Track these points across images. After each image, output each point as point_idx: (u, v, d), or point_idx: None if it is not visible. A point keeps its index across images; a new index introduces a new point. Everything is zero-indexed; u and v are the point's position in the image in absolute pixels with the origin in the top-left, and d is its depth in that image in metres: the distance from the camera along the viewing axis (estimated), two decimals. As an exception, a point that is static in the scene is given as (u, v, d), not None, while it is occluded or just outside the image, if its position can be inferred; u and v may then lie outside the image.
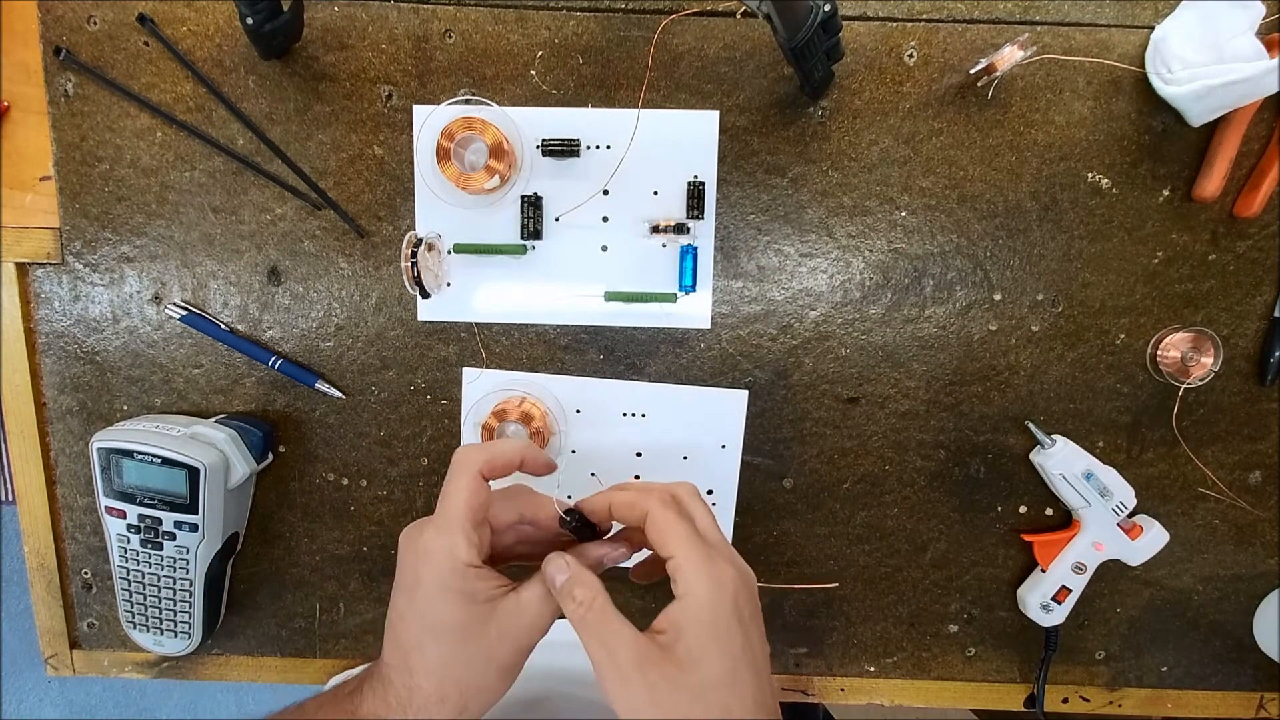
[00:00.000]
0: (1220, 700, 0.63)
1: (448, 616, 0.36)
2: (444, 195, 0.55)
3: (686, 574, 0.35)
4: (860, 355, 0.58)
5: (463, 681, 0.36)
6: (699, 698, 0.33)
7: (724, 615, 0.34)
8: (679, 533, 0.36)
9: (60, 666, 0.64)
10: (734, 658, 0.34)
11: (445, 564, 0.36)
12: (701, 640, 0.34)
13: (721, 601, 0.34)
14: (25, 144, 0.56)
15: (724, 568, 0.35)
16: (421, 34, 0.54)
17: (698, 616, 0.34)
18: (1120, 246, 0.56)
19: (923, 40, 0.54)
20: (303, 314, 0.58)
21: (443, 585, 0.36)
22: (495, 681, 0.37)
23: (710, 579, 0.35)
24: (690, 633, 0.34)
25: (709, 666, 0.34)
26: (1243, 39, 0.49)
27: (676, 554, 0.36)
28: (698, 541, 0.36)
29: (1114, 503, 0.56)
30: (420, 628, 0.36)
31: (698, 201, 0.55)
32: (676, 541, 0.36)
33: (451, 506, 0.37)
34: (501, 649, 0.37)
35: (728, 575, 0.35)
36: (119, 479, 0.54)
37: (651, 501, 0.37)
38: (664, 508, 0.37)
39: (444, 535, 0.36)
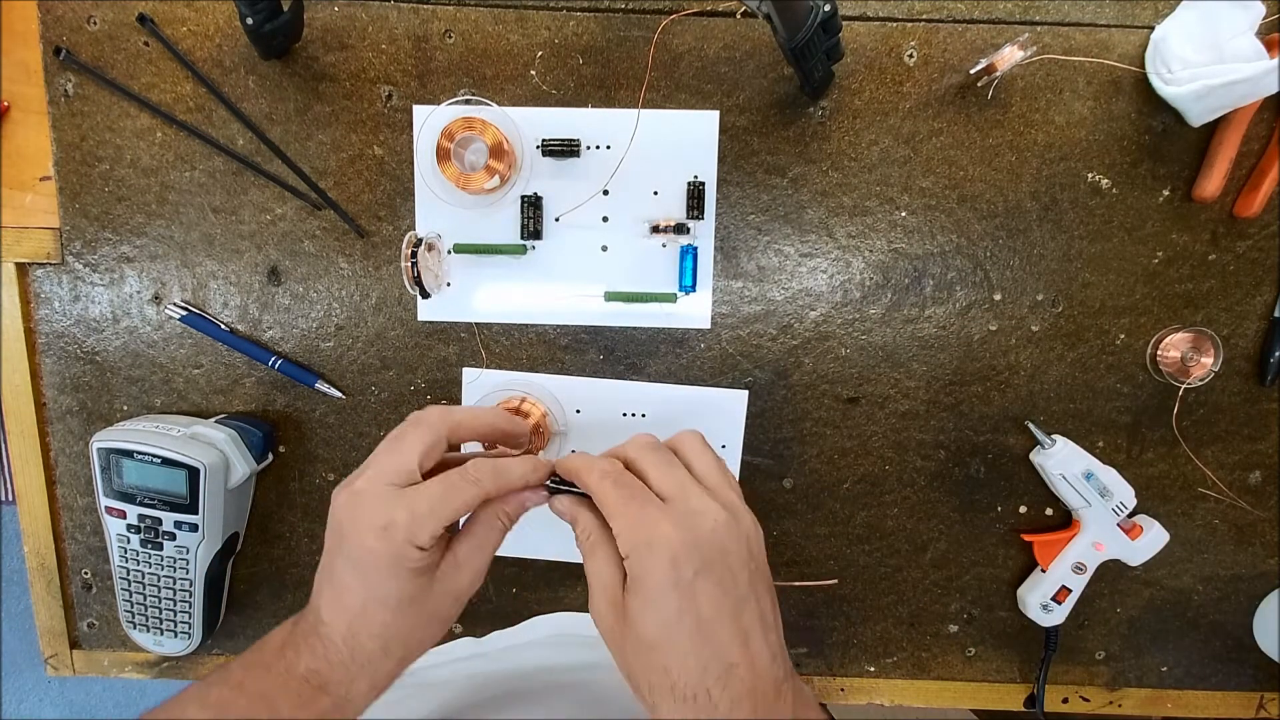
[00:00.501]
0: (1220, 700, 0.63)
1: (395, 588, 0.36)
2: (444, 195, 0.55)
3: (621, 541, 0.35)
4: (860, 355, 0.58)
5: (408, 638, 0.38)
6: (638, 654, 0.34)
7: (653, 580, 0.34)
8: (612, 502, 0.36)
9: (60, 666, 0.64)
10: (666, 622, 0.33)
11: (406, 551, 0.35)
12: (636, 603, 0.34)
13: (649, 566, 0.34)
14: (25, 144, 0.56)
15: (659, 530, 0.34)
16: (421, 34, 0.54)
17: (631, 580, 0.35)
18: (1120, 246, 0.56)
19: (923, 40, 0.54)
20: (303, 314, 0.58)
21: (394, 563, 0.36)
22: (437, 631, 0.39)
23: (640, 544, 0.34)
24: (630, 594, 0.35)
25: (640, 628, 0.34)
26: (1243, 39, 0.49)
27: (613, 524, 0.35)
28: (631, 505, 0.35)
29: (1114, 503, 0.56)
30: (366, 597, 0.36)
31: (698, 201, 0.55)
32: (610, 512, 0.36)
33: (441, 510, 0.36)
34: (443, 605, 0.38)
35: (660, 538, 0.34)
36: (119, 479, 0.54)
37: (591, 475, 0.37)
38: (600, 478, 0.36)
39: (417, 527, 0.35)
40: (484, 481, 0.38)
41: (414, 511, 0.35)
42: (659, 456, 0.38)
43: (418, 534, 0.35)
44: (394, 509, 0.36)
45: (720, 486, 0.37)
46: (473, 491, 0.37)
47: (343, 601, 0.37)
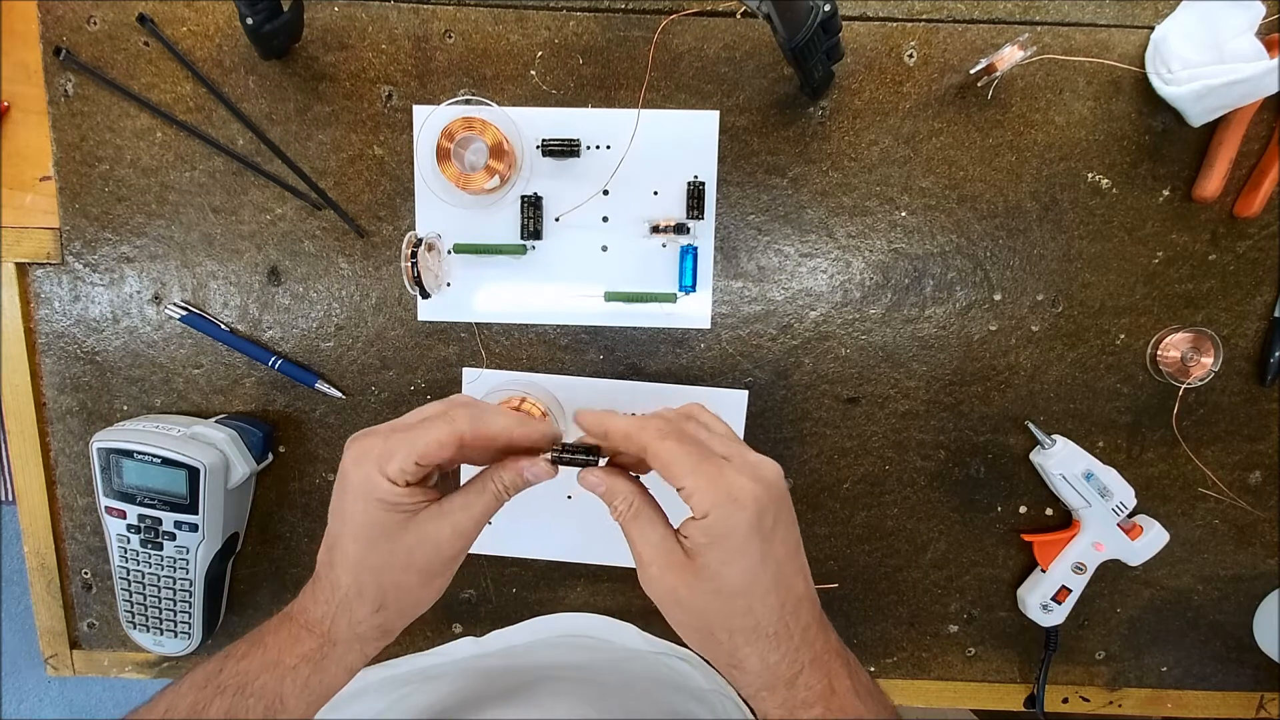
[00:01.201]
0: (1220, 700, 0.63)
1: (364, 518, 0.37)
2: (444, 195, 0.55)
3: (699, 500, 0.35)
4: (860, 355, 0.58)
5: (380, 577, 0.38)
6: (719, 601, 0.36)
7: (741, 533, 0.35)
8: (683, 462, 0.36)
9: (60, 666, 0.64)
10: (752, 569, 0.35)
11: (373, 477, 0.36)
12: (719, 557, 0.35)
13: (737, 520, 0.35)
14: (25, 144, 0.56)
15: (739, 484, 0.35)
16: (421, 34, 0.54)
17: (713, 537, 0.35)
18: (1120, 246, 0.56)
19: (923, 40, 0.54)
20: (303, 314, 0.58)
21: (366, 492, 0.37)
22: (415, 582, 0.39)
23: (725, 501, 0.35)
24: (708, 550, 0.35)
25: (727, 578, 0.35)
26: (1243, 39, 0.49)
27: (686, 483, 0.35)
28: (705, 464, 0.35)
29: (1114, 503, 0.56)
30: (341, 525, 0.38)
31: (698, 201, 0.55)
32: (683, 471, 0.35)
33: (412, 444, 0.36)
34: (421, 551, 0.38)
35: (744, 492, 0.35)
36: (119, 479, 0.54)
37: (648, 436, 0.37)
38: (662, 439, 0.36)
39: (386, 458, 0.36)
40: (459, 422, 0.37)
41: (388, 442, 0.37)
42: (696, 422, 0.40)
43: (386, 462, 0.36)
44: (372, 439, 0.37)
45: (754, 453, 0.39)
46: (445, 429, 0.37)
47: (328, 535, 0.38)
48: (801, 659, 0.36)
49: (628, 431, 0.38)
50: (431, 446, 0.36)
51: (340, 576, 0.38)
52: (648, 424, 0.37)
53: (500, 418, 0.38)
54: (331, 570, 0.38)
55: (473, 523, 0.39)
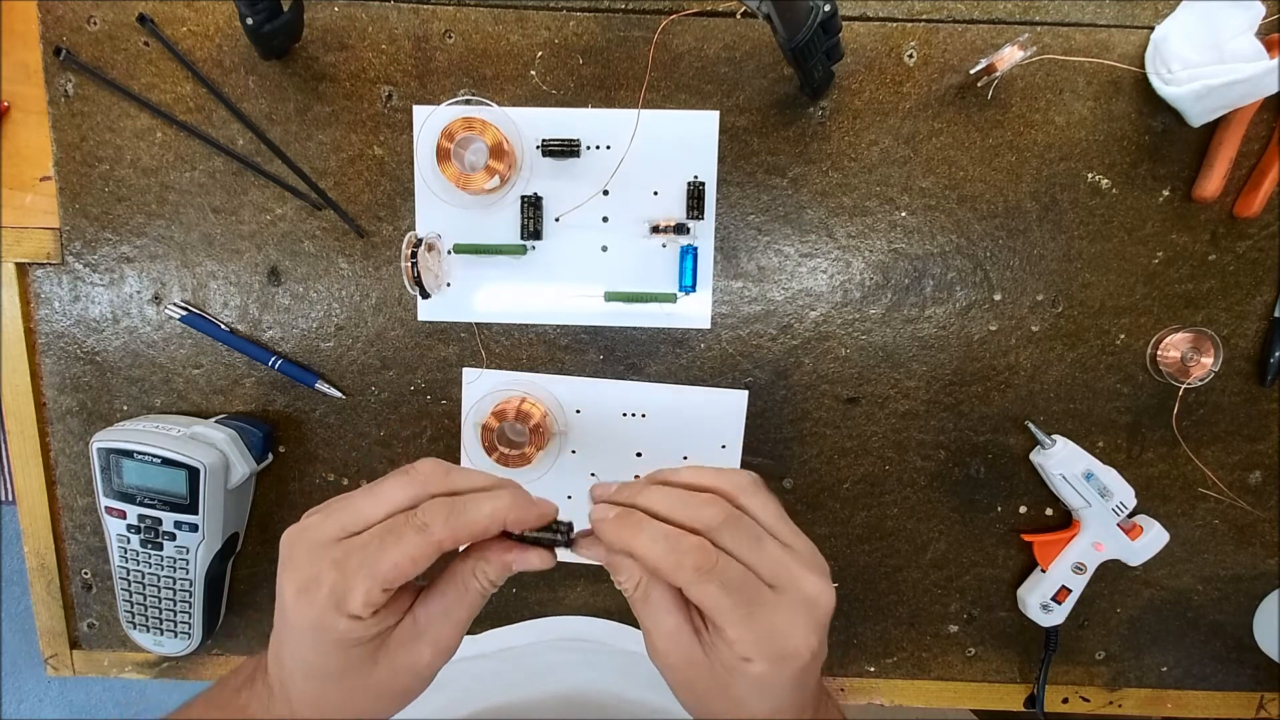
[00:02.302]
0: (1220, 700, 0.63)
1: (319, 660, 0.30)
2: (444, 195, 0.55)
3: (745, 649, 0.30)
4: (860, 355, 0.58)
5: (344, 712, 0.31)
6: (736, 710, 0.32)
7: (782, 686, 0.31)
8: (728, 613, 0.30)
9: (60, 666, 0.64)
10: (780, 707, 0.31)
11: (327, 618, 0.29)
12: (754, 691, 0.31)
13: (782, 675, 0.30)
14: (25, 144, 0.56)
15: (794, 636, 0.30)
16: (421, 34, 0.54)
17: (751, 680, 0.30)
18: (1120, 246, 0.56)
19: (923, 40, 0.54)
20: (303, 314, 0.58)
21: (318, 634, 0.29)
22: (388, 707, 0.32)
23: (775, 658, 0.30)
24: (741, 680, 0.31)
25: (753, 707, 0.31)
26: (1243, 39, 0.49)
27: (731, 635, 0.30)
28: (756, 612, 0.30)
29: (1114, 503, 0.56)
30: (293, 661, 0.31)
31: (698, 201, 0.55)
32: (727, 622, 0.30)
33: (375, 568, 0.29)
34: (395, 682, 0.31)
35: (800, 645, 0.30)
36: (119, 479, 0.54)
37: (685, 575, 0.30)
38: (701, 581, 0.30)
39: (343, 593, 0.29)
40: (434, 527, 0.29)
41: (343, 569, 0.29)
42: (745, 534, 0.31)
43: (346, 598, 0.29)
44: (320, 563, 0.29)
45: (807, 550, 0.33)
46: (416, 541, 0.29)
47: (277, 654, 0.32)
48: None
49: (657, 565, 0.30)
50: (403, 568, 0.29)
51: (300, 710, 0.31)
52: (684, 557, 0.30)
53: (484, 503, 0.31)
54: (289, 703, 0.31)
55: (457, 634, 0.32)
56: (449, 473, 0.32)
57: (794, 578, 0.31)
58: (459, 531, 0.30)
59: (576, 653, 0.60)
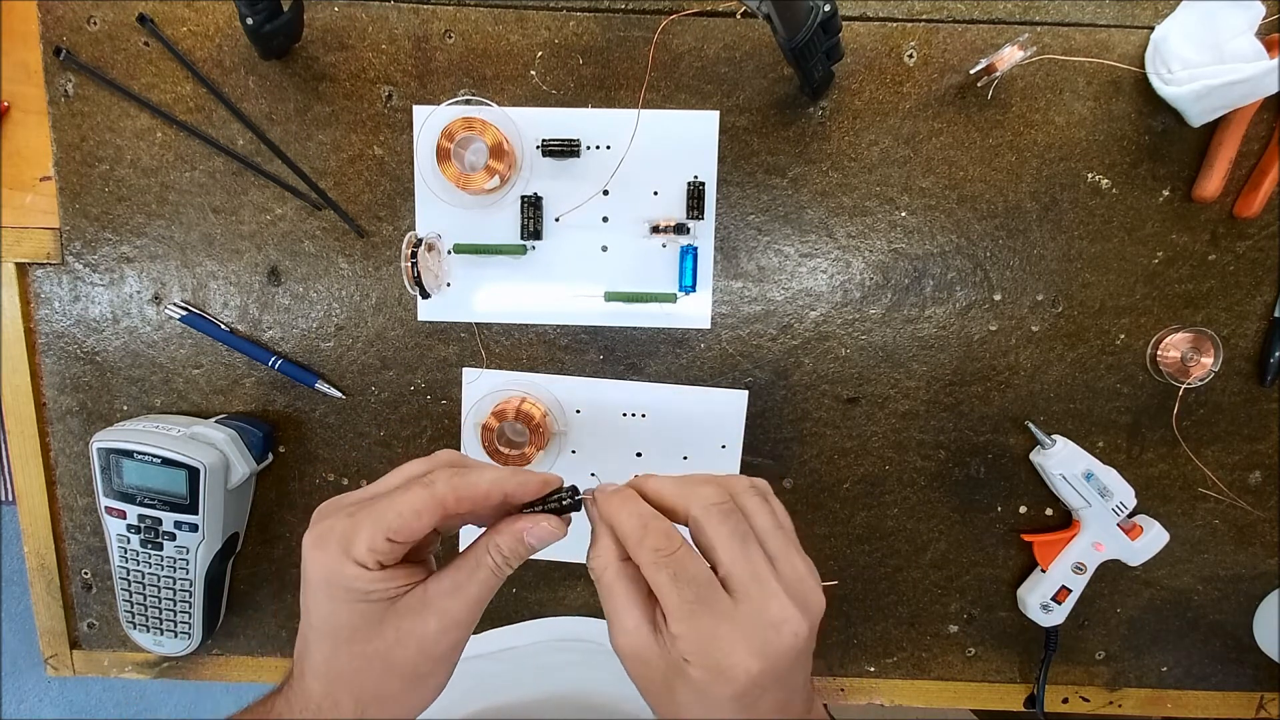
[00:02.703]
0: (1220, 700, 0.63)
1: (329, 613, 0.31)
2: (444, 195, 0.55)
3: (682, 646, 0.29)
4: (860, 355, 0.58)
5: (355, 687, 0.31)
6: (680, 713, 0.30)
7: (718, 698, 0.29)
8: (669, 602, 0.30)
9: (60, 666, 0.64)
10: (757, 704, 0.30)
11: (337, 562, 0.30)
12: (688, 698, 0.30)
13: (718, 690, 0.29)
14: (25, 144, 0.56)
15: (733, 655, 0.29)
16: (421, 34, 0.54)
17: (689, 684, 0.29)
18: (1120, 246, 0.56)
19: (923, 40, 0.54)
20: (303, 314, 0.58)
21: (329, 581, 0.30)
22: (400, 690, 0.32)
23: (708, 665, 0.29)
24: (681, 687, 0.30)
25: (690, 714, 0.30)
26: (1243, 39, 0.49)
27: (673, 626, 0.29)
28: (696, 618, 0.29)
29: (1114, 503, 0.56)
30: (307, 622, 0.32)
31: (698, 201, 0.55)
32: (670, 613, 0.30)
33: (380, 516, 0.30)
34: (403, 654, 0.31)
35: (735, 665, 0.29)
36: (119, 479, 0.54)
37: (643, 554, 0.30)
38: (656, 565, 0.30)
39: (350, 537, 0.30)
40: (438, 484, 0.30)
41: (354, 518, 0.30)
42: (731, 529, 0.31)
43: (351, 542, 0.30)
44: (335, 517, 0.31)
45: (795, 573, 0.31)
46: (422, 495, 0.30)
47: (300, 631, 0.32)
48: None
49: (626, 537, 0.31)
50: (406, 518, 0.30)
51: (310, 685, 0.31)
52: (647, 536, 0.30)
53: (488, 471, 0.32)
54: (302, 679, 0.32)
55: (466, 610, 0.32)
56: (463, 458, 0.34)
57: (762, 594, 0.29)
58: (460, 490, 0.31)
59: (577, 653, 0.60)
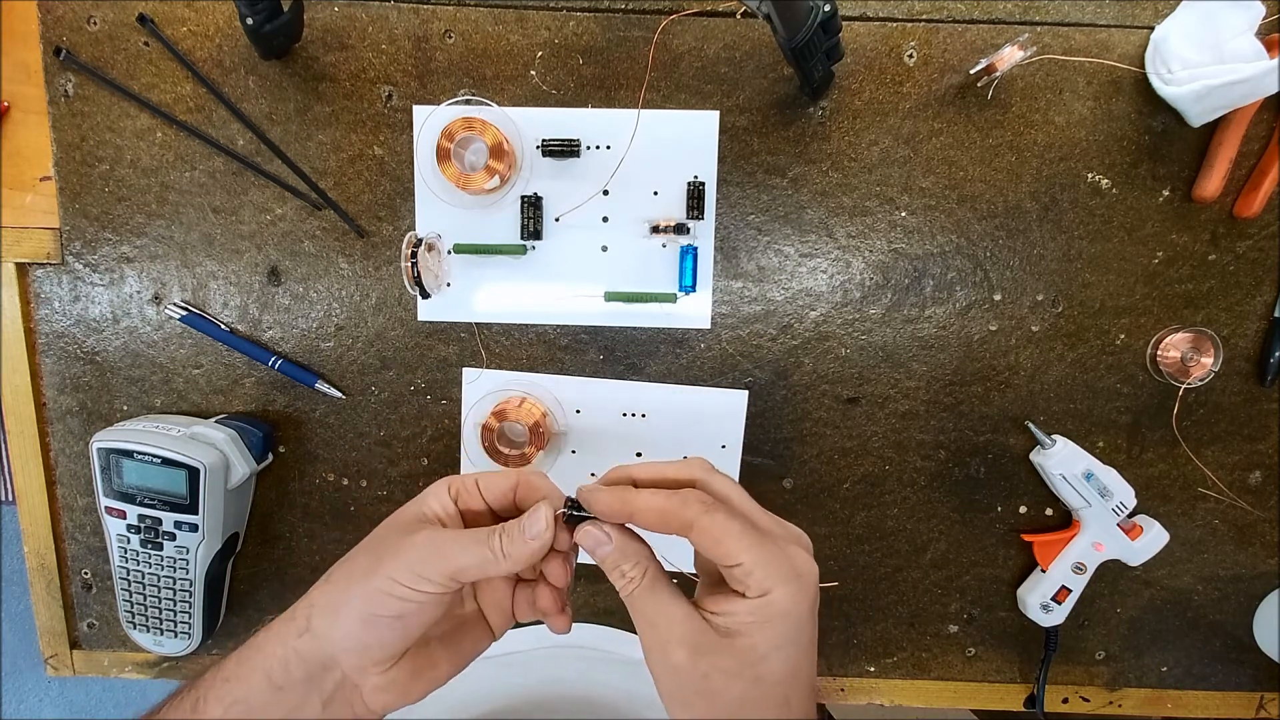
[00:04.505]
0: (1220, 700, 0.63)
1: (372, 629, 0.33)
2: (444, 195, 0.55)
3: (759, 578, 0.31)
4: (860, 355, 0.58)
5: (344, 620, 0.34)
6: (758, 690, 0.32)
7: (803, 616, 0.32)
8: (740, 538, 0.32)
9: (60, 666, 0.64)
10: (800, 656, 0.32)
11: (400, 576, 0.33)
12: (772, 640, 0.32)
13: (803, 602, 0.32)
14: (25, 144, 0.56)
15: (802, 561, 0.32)
16: (421, 34, 0.54)
17: (771, 620, 0.31)
18: (1120, 246, 0.56)
19: (923, 40, 0.54)
20: (303, 314, 0.58)
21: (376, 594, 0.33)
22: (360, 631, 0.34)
23: (791, 579, 0.32)
24: (761, 631, 0.31)
25: (775, 666, 0.32)
26: (1243, 39, 0.49)
27: (744, 559, 0.31)
28: (763, 539, 0.32)
29: (1114, 503, 0.56)
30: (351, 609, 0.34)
31: (698, 201, 0.55)
32: (739, 548, 0.32)
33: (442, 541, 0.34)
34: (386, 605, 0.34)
35: (806, 565, 0.32)
36: (119, 479, 0.54)
37: (693, 510, 0.32)
38: (709, 512, 0.32)
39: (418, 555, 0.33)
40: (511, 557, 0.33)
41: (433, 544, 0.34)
42: (733, 487, 0.35)
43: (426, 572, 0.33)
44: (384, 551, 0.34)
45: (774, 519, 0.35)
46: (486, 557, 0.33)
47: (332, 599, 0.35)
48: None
49: (662, 510, 0.32)
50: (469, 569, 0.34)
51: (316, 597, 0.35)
52: (688, 499, 0.32)
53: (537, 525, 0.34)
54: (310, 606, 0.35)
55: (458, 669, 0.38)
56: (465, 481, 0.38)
57: (784, 529, 0.34)
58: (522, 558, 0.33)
59: (582, 662, 0.60)
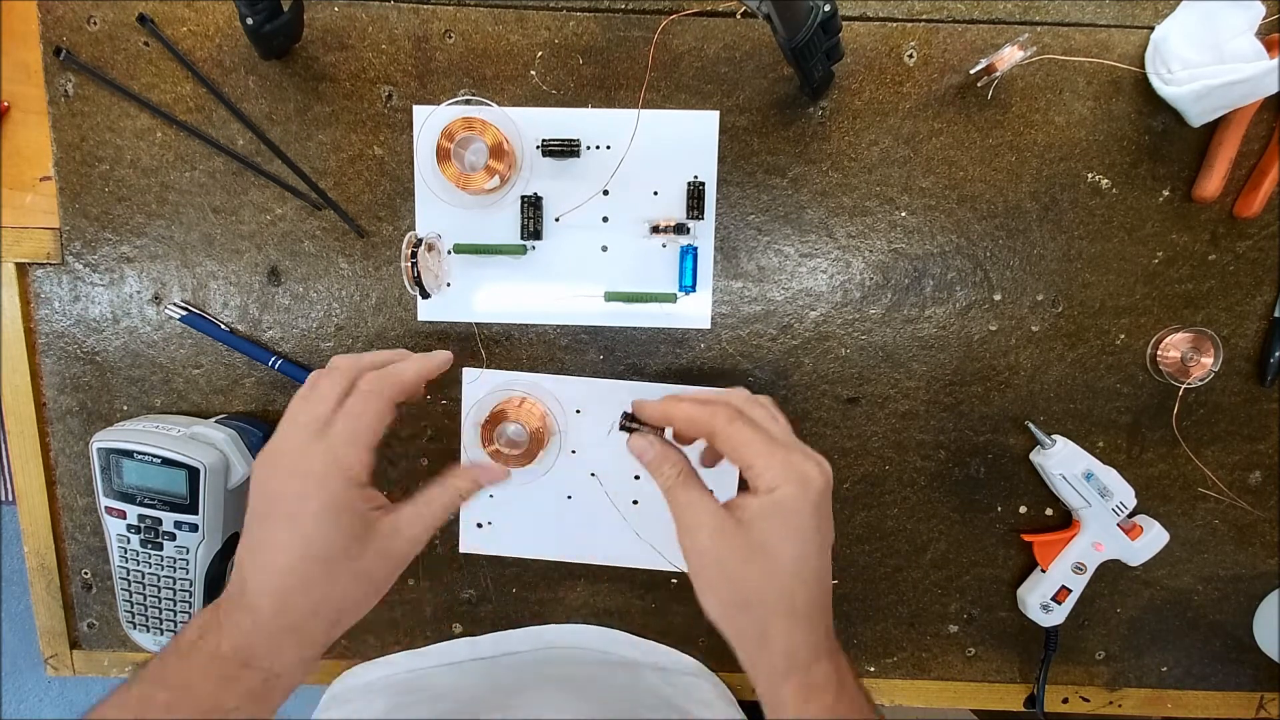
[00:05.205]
0: (1220, 700, 0.63)
1: (334, 538, 0.36)
2: (444, 195, 0.55)
3: (770, 477, 0.37)
4: (860, 355, 0.58)
5: (340, 598, 0.37)
6: (768, 577, 0.37)
7: (805, 513, 0.37)
8: (755, 445, 0.38)
9: (60, 666, 0.64)
10: (805, 548, 0.37)
11: (340, 485, 0.36)
12: (779, 533, 0.37)
13: (805, 500, 0.37)
14: (25, 144, 0.56)
15: (808, 467, 0.38)
16: (421, 34, 0.54)
17: (777, 513, 0.37)
18: (1120, 246, 0.56)
19: (923, 40, 0.54)
20: (303, 314, 0.58)
21: (335, 507, 0.36)
22: (368, 594, 0.38)
23: (796, 481, 0.37)
24: (768, 525, 0.37)
25: (781, 554, 0.37)
26: (1243, 39, 0.49)
27: (757, 463, 0.37)
28: (775, 446, 0.38)
29: (1114, 503, 0.56)
30: (300, 554, 0.36)
31: (698, 201, 0.55)
32: (753, 453, 0.37)
33: (357, 428, 0.37)
34: (379, 569, 0.38)
35: (814, 474, 0.37)
36: (119, 479, 0.54)
37: (719, 421, 0.38)
38: (731, 422, 0.38)
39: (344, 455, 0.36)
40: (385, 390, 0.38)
41: (333, 447, 0.36)
42: (762, 411, 0.41)
43: (351, 466, 0.36)
44: (315, 453, 0.36)
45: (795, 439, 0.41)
46: (376, 403, 0.38)
47: (274, 563, 0.36)
48: (820, 648, 0.38)
49: (694, 417, 0.39)
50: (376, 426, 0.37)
51: (296, 601, 0.36)
52: (717, 409, 0.39)
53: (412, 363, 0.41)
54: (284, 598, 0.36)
55: (426, 529, 0.39)
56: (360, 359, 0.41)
57: (799, 444, 0.40)
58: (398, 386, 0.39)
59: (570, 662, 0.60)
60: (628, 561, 0.60)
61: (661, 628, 0.62)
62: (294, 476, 0.36)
